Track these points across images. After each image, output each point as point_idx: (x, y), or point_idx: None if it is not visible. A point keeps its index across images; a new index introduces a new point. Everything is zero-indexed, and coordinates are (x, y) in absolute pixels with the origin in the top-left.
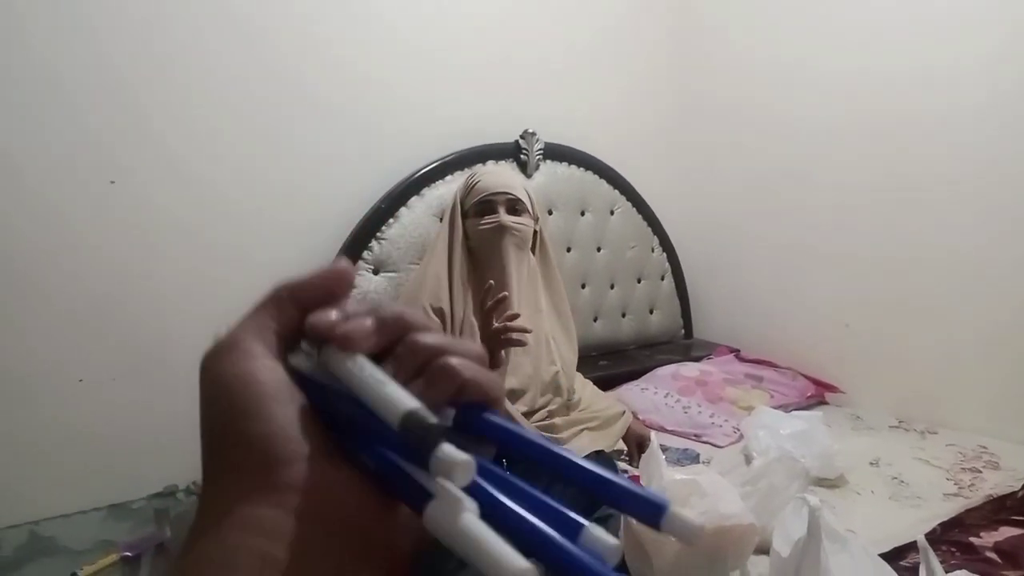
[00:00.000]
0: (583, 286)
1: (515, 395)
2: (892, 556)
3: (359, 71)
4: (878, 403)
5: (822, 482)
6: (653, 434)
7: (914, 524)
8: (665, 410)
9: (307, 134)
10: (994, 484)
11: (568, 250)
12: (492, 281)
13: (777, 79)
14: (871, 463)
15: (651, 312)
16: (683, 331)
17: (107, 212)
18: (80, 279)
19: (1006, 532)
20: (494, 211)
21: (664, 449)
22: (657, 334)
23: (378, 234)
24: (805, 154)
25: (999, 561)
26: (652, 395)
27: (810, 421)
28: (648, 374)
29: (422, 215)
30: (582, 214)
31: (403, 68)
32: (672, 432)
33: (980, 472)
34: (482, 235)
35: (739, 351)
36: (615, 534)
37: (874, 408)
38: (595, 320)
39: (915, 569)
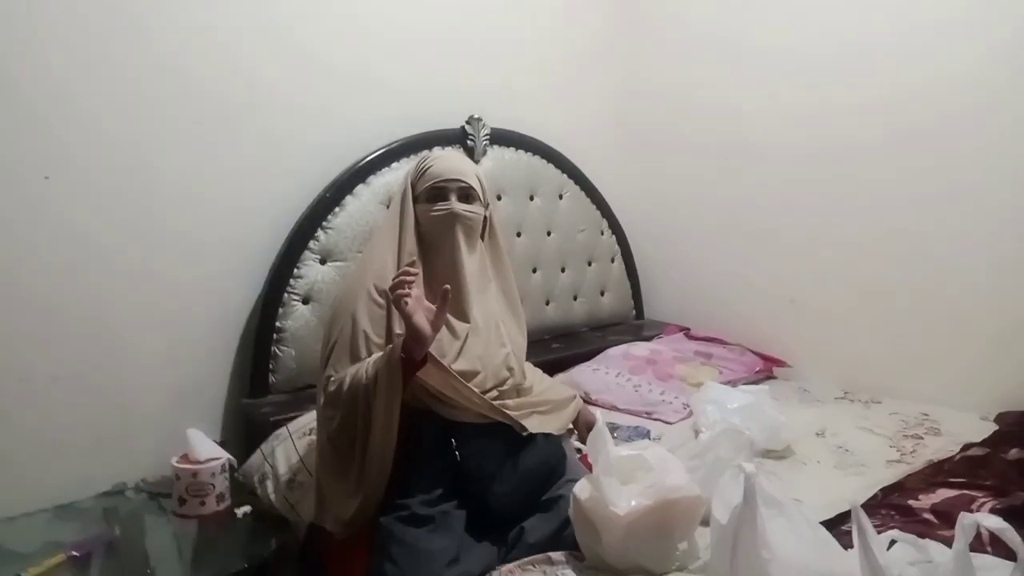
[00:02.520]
0: (534, 270)
1: (466, 377)
2: (835, 522)
3: (304, 55)
4: (824, 376)
5: (769, 453)
6: (601, 412)
7: (857, 491)
8: (616, 389)
9: (251, 121)
10: (935, 450)
11: (518, 235)
12: (448, 286)
13: (720, 60)
14: (817, 434)
15: (602, 294)
16: (634, 312)
17: (44, 208)
18: (16, 277)
19: (943, 494)
20: (446, 198)
21: (616, 427)
22: (609, 316)
23: (324, 223)
24: (750, 135)
25: (935, 521)
26: (604, 375)
27: (757, 395)
28: (600, 355)
29: (368, 203)
30: (531, 199)
31: (348, 53)
32: (624, 411)
33: (922, 439)
34: (433, 222)
35: (689, 329)
36: (564, 512)
37: (821, 381)
38: (547, 304)
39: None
